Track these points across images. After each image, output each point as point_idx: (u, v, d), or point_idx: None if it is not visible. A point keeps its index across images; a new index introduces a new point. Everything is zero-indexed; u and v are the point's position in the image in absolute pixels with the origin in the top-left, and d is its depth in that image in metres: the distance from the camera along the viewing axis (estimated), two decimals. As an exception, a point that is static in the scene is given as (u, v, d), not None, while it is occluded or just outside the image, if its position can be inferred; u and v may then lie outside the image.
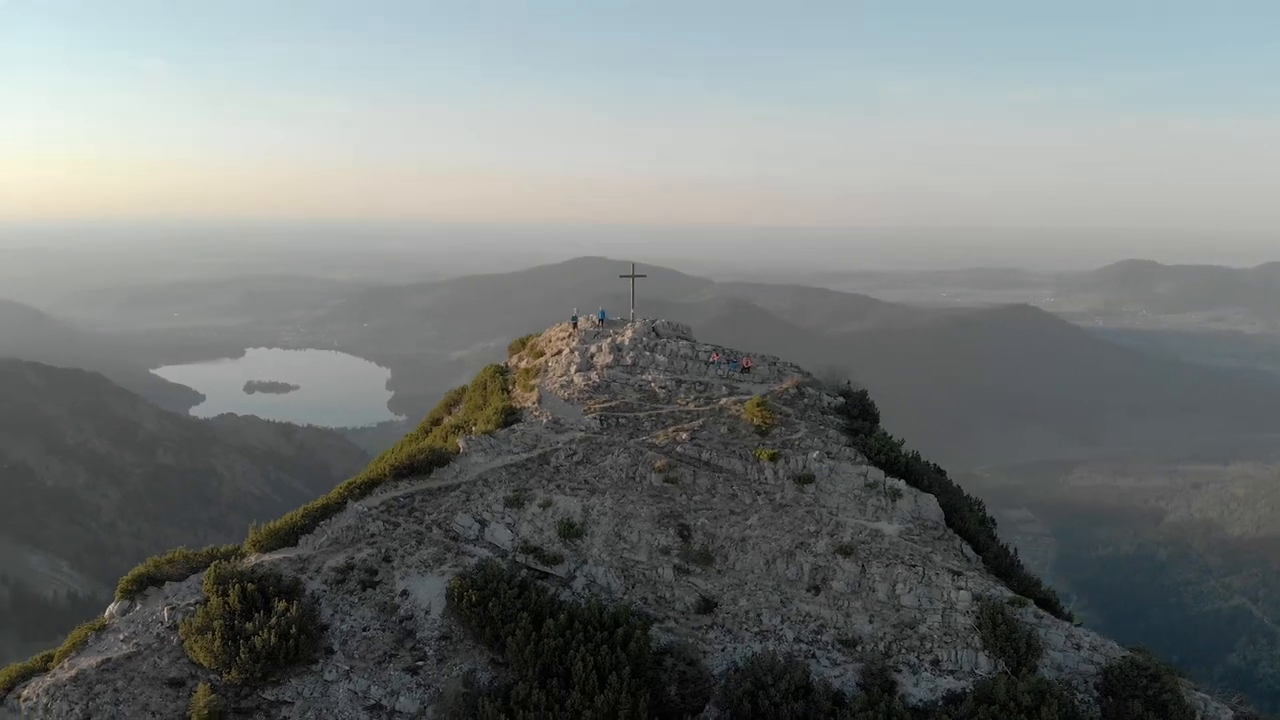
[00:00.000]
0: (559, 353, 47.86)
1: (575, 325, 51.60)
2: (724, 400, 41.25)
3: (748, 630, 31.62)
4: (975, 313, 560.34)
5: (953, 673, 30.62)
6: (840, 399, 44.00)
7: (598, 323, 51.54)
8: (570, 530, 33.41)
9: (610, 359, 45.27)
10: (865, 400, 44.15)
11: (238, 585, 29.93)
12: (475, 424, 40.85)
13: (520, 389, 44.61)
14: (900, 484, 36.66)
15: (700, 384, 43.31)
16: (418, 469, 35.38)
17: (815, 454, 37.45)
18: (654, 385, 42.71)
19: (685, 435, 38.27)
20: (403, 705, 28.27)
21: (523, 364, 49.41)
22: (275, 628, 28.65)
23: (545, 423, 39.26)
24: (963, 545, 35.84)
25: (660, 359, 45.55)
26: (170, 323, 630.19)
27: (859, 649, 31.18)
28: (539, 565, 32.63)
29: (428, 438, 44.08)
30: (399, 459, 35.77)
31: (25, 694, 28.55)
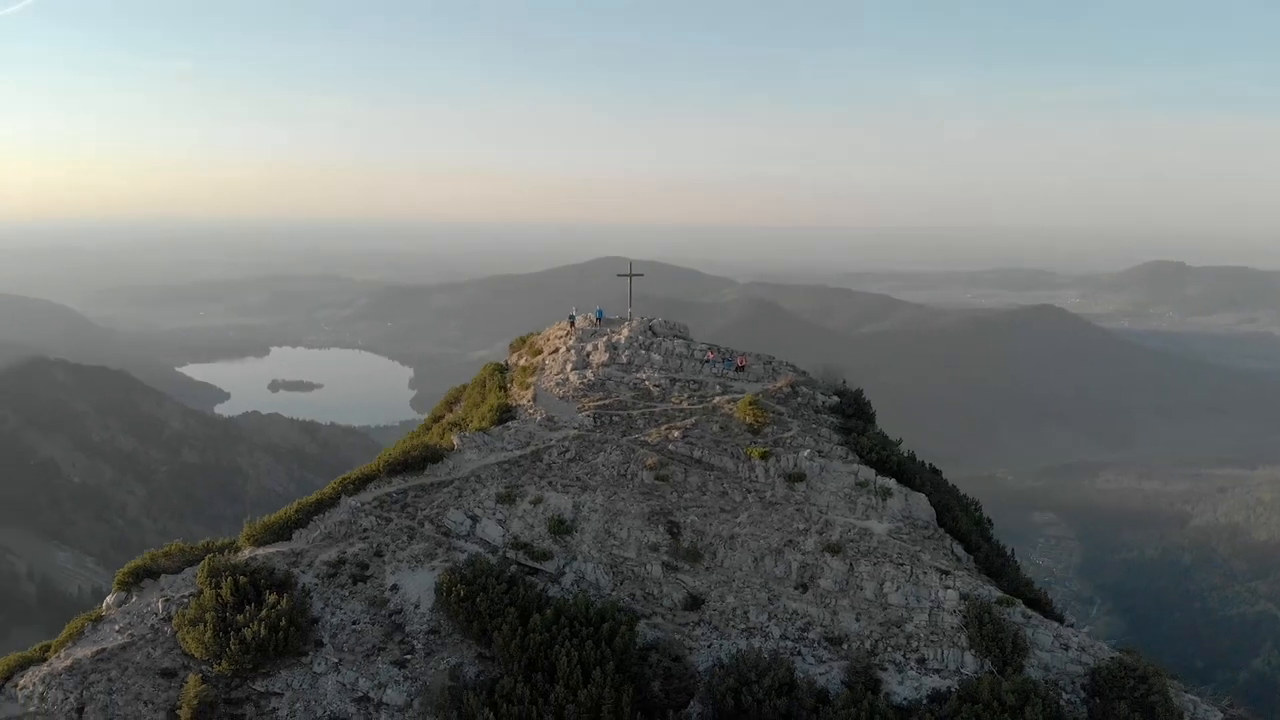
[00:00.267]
0: (556, 351, 48.27)
1: (573, 324, 52.03)
2: (717, 399, 41.47)
3: (734, 627, 31.77)
4: (1000, 313, 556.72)
5: (938, 671, 30.62)
6: (835, 398, 44.08)
7: (595, 321, 51.92)
8: (560, 527, 33.71)
9: (606, 357, 45.61)
10: (860, 399, 44.18)
11: (230, 578, 30.43)
12: (470, 421, 41.30)
13: (517, 387, 45.01)
14: (891, 483, 36.69)
15: (694, 382, 43.55)
16: (411, 465, 35.85)
17: (806, 452, 37.57)
18: (648, 384, 42.98)
19: (677, 433, 38.51)
20: (390, 697, 28.64)
21: (521, 362, 49.88)
22: (265, 620, 29.12)
23: (539, 420, 39.63)
24: (953, 545, 35.82)
25: (655, 357, 45.82)
26: (196, 321, 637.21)
27: (845, 647, 31.25)
28: (529, 561, 32.95)
29: (427, 435, 44.57)
30: (393, 455, 36.24)
31: (22, 683, 29.15)
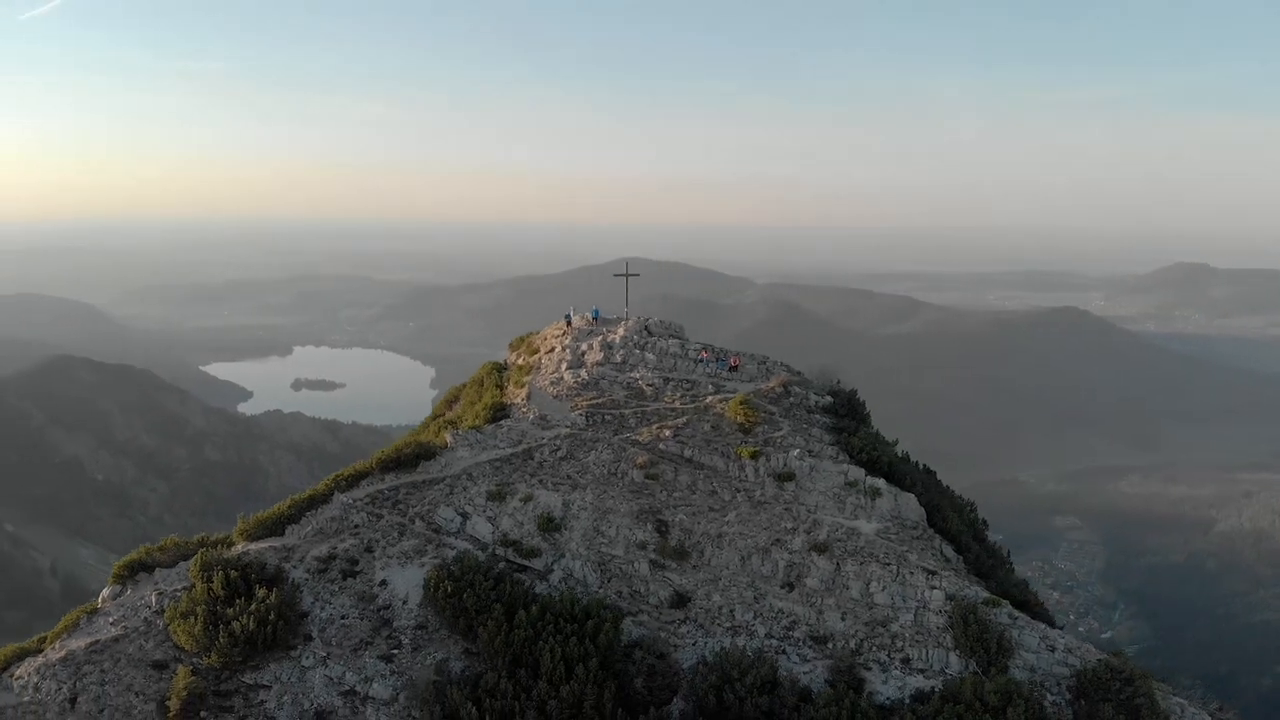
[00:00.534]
0: (552, 350, 48.59)
1: (569, 323, 52.31)
2: (710, 398, 41.60)
3: (720, 625, 31.92)
4: (1023, 315, 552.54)
5: (923, 671, 30.65)
6: (828, 398, 44.07)
7: (591, 321, 52.18)
8: (549, 524, 33.98)
9: (601, 356, 45.87)
10: (854, 400, 44.16)
11: (222, 572, 30.93)
12: (465, 419, 41.66)
13: (513, 386, 45.34)
14: (880, 483, 36.69)
15: (688, 382, 43.71)
16: (404, 462, 36.25)
17: (796, 452, 37.65)
18: (642, 383, 43.19)
19: (669, 432, 38.69)
20: (376, 691, 29.00)
21: (519, 361, 50.23)
22: (254, 613, 29.58)
23: (532, 419, 39.92)
24: (943, 545, 35.77)
25: (650, 357, 46.01)
26: (220, 321, 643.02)
27: (830, 646, 31.32)
28: (517, 558, 33.24)
29: (425, 432, 44.97)
30: (386, 452, 36.65)
31: (18, 673, 29.74)
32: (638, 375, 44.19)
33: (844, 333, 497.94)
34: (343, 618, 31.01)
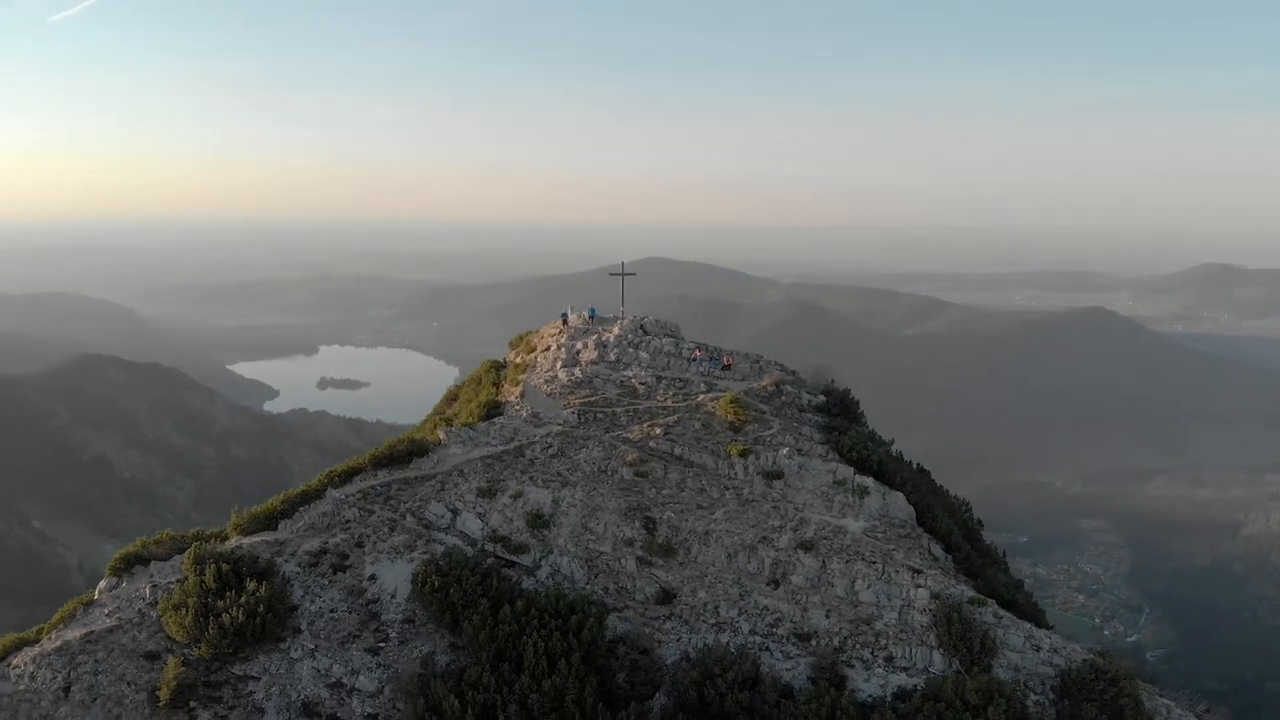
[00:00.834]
0: (548, 349, 48.98)
1: (565, 322, 52.67)
2: (701, 397, 41.83)
3: (704, 622, 32.12)
4: (1049, 316, 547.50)
5: (906, 669, 30.71)
6: (821, 397, 44.15)
7: (588, 320, 52.53)
8: (538, 521, 34.33)
9: (595, 355, 46.19)
10: (847, 398, 44.20)
11: (214, 565, 31.48)
12: (460, 416, 42.11)
13: (509, 384, 45.81)
14: (869, 481, 36.75)
15: (680, 381, 43.95)
16: (397, 459, 36.74)
17: (785, 450, 37.78)
18: (635, 381, 43.47)
19: (659, 430, 38.94)
20: (362, 684, 29.46)
21: (517, 359, 50.69)
22: (244, 606, 30.10)
23: (525, 416, 40.29)
24: (931, 544, 35.77)
25: (644, 356, 46.30)
26: (246, 320, 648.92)
27: (813, 643, 31.44)
28: (505, 554, 33.61)
29: (422, 430, 45.50)
30: (379, 449, 37.14)
31: (15, 663, 30.44)
32: (631, 374, 44.48)
33: (867, 333, 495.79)
34: (332, 611, 31.50)
